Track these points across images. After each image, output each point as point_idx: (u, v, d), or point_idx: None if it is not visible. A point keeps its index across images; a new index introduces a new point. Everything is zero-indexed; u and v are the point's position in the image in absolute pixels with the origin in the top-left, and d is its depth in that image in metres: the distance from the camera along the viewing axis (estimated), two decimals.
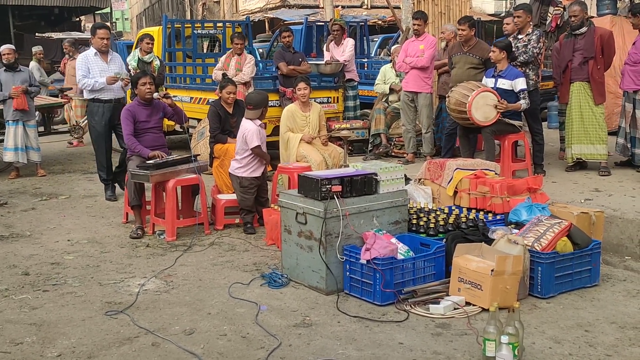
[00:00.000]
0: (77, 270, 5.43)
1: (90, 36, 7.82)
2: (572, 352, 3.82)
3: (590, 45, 7.15)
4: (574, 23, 7.29)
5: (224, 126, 7.04)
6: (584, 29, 7.23)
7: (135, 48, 10.57)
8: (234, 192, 6.61)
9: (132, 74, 9.41)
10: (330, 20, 11.09)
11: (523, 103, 7.01)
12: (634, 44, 7.35)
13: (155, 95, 6.76)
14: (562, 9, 10.78)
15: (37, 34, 20.99)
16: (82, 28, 28.28)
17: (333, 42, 9.92)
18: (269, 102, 9.25)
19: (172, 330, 4.20)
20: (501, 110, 6.89)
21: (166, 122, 8.45)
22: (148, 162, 6.29)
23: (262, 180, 6.61)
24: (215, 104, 7.21)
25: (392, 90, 9.24)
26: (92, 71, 7.56)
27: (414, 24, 8.42)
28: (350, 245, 4.76)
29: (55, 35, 21.03)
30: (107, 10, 28.50)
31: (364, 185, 4.90)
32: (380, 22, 22.03)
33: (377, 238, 4.62)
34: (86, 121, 12.29)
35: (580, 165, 7.56)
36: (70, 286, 5.06)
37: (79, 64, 7.62)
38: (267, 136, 8.97)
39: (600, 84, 7.24)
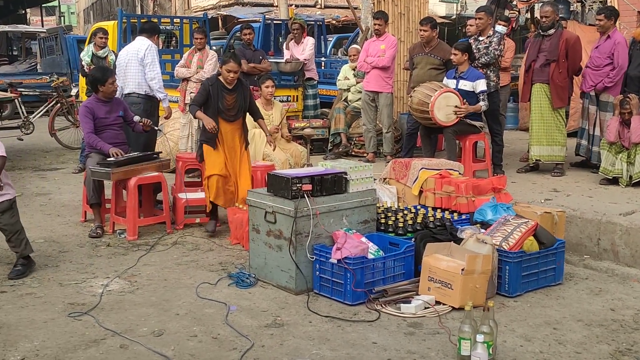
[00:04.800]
0: (35, 271, 5.24)
1: (156, 34, 7.11)
2: (543, 349, 3.88)
3: (554, 48, 7.25)
4: (545, 24, 7.38)
5: (216, 104, 6.05)
6: (551, 31, 7.35)
7: (89, 43, 10.31)
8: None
9: (87, 70, 9.21)
10: (290, 18, 11.04)
11: (482, 104, 7.11)
12: (596, 47, 7.50)
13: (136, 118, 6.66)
14: (517, 12, 11.00)
15: None
16: (28, 21, 27.49)
17: (293, 40, 9.88)
18: None
19: (140, 332, 4.09)
20: (461, 115, 6.97)
21: None
22: (109, 159, 6.13)
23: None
24: (211, 79, 6.27)
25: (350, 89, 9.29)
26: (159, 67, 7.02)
27: (375, 24, 8.44)
28: (320, 245, 4.74)
29: (0, 28, 20.39)
30: (55, 3, 27.77)
31: (334, 184, 4.87)
32: (334, 21, 22.09)
33: (348, 237, 4.61)
34: (37, 117, 11.99)
35: (532, 167, 7.70)
36: (29, 287, 4.89)
37: (156, 56, 6.95)
38: None
39: (560, 88, 7.31)
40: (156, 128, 7.10)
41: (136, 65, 6.83)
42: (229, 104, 6.09)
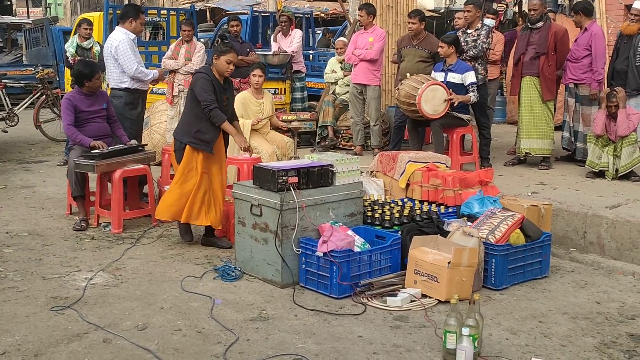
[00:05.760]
0: (17, 264, 5.18)
1: (129, 18, 6.74)
2: (529, 342, 3.87)
3: (543, 41, 7.27)
4: (533, 17, 7.40)
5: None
6: (540, 24, 7.35)
7: (74, 34, 10.21)
8: None
9: (71, 62, 9.11)
10: (278, 11, 10.97)
11: (472, 96, 7.10)
12: (575, 40, 7.53)
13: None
14: (505, 6, 10.98)
15: None
16: (14, 12, 27.21)
17: (281, 33, 9.82)
18: None
19: (124, 326, 4.05)
20: (452, 100, 6.93)
21: None
22: (93, 151, 6.06)
23: None
24: (207, 70, 5.48)
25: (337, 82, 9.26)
26: (136, 57, 6.79)
27: (358, 15, 8.43)
28: (306, 238, 4.71)
29: None
30: None
31: (320, 177, 4.84)
32: (322, 14, 22.00)
33: (334, 230, 4.58)
34: (22, 109, 11.87)
35: (519, 160, 7.71)
36: (12, 280, 4.83)
37: (128, 49, 6.63)
38: None
39: (550, 80, 7.35)
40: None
41: (112, 61, 6.75)
42: (225, 103, 5.49)
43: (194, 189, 5.44)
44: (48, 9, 38.48)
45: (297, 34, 9.73)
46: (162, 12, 12.02)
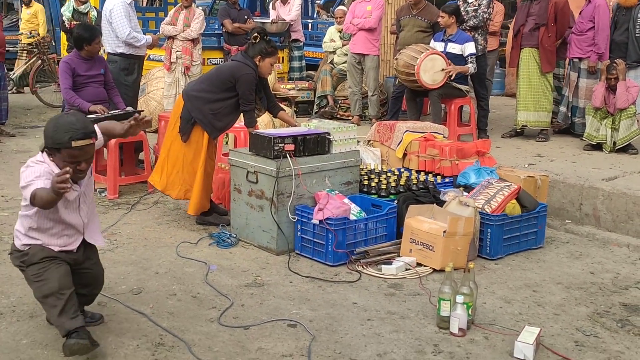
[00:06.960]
0: (12, 227, 5.13)
1: None
2: (522, 311, 3.89)
3: (543, 12, 7.18)
4: None
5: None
6: None
7: None
8: None
9: (67, 26, 9.01)
10: None
11: (471, 67, 7.05)
12: (580, 13, 7.44)
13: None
14: None
15: None
16: None
17: (279, 1, 9.72)
18: (214, 59, 9.08)
19: (119, 290, 4.06)
20: (450, 74, 6.90)
21: None
22: (89, 116, 6.01)
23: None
24: (254, 67, 5.11)
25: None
26: (132, 22, 6.77)
27: None
28: (302, 205, 4.70)
29: None
30: None
31: (317, 144, 4.82)
32: None
33: (330, 198, 4.57)
34: (17, 74, 11.76)
35: (517, 132, 7.68)
36: (7, 243, 4.80)
37: (122, 14, 6.65)
38: None
39: (549, 52, 7.27)
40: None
41: (107, 25, 6.72)
42: (258, 103, 5.36)
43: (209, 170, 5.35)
44: None
45: (295, 2, 9.63)
46: None
